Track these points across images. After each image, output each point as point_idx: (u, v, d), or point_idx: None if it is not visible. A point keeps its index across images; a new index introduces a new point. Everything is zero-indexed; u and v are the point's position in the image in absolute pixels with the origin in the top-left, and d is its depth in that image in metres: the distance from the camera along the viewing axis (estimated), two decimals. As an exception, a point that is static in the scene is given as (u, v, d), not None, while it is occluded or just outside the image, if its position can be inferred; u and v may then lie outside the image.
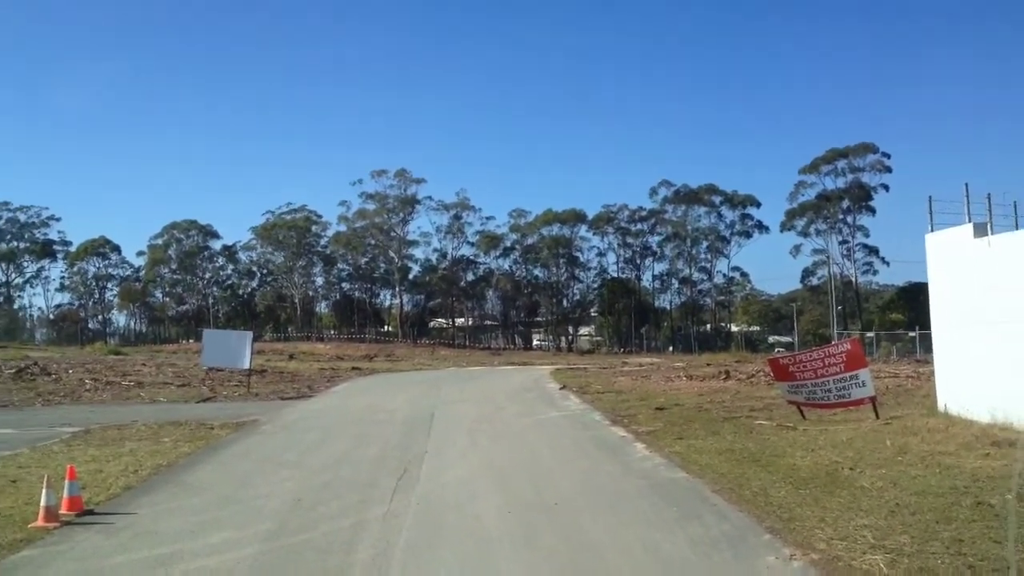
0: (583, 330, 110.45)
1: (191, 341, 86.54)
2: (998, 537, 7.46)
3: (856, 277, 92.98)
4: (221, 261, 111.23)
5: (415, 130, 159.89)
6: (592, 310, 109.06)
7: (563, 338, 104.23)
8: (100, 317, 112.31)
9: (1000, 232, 16.22)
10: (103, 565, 7.61)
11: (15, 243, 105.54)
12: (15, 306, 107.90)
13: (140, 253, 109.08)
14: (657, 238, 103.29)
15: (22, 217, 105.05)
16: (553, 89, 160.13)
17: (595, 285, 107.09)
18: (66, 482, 9.63)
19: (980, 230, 16.55)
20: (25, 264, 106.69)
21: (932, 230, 18.45)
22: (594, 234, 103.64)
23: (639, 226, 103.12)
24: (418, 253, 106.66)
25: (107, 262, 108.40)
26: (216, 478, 12.24)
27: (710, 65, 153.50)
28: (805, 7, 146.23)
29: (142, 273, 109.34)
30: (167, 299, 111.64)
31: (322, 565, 7.50)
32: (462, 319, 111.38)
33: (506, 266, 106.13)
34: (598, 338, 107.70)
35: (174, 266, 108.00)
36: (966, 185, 17.60)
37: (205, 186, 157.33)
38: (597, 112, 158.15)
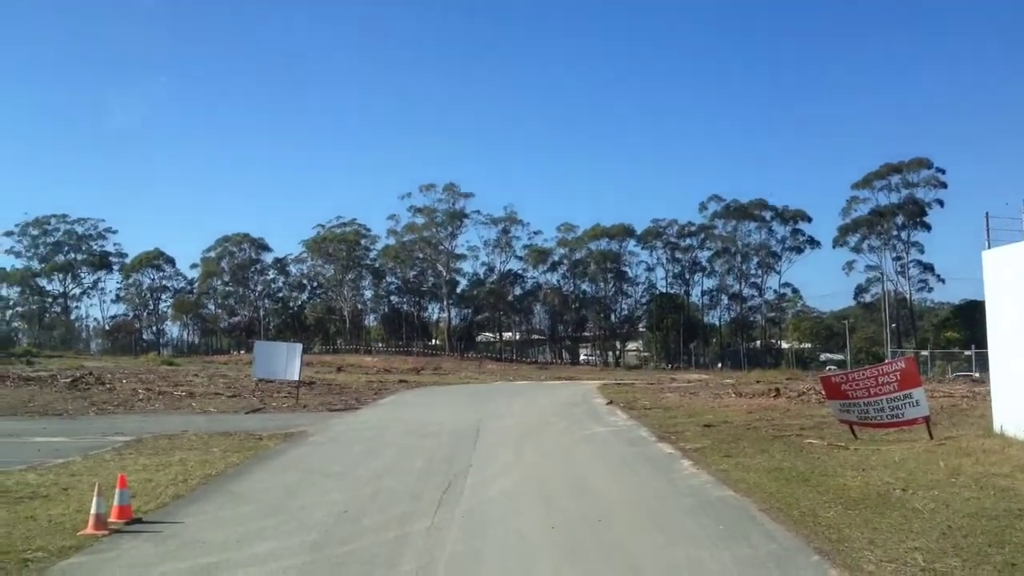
0: (631, 345, 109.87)
1: (242, 352, 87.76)
2: (1055, 563, 7.26)
3: (910, 294, 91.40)
4: (272, 274, 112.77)
5: (464, 144, 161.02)
6: (640, 325, 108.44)
7: (610, 353, 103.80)
8: (154, 328, 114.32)
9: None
10: (150, 573, 7.73)
11: (73, 255, 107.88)
12: (72, 316, 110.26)
13: (194, 265, 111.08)
14: (707, 253, 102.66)
15: (79, 229, 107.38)
16: (604, 104, 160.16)
17: (643, 300, 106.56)
18: (116, 490, 9.80)
19: (1039, 246, 16.20)
20: (82, 275, 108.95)
21: (989, 246, 18.09)
22: (643, 249, 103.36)
23: (688, 241, 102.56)
24: (466, 267, 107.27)
25: (161, 274, 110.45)
26: (263, 488, 12.36)
27: (761, 80, 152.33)
28: (856, 23, 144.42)
29: (195, 285, 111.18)
30: (219, 311, 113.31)
31: (366, 577, 7.53)
32: (509, 333, 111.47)
33: (554, 280, 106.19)
34: (646, 354, 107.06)
35: (226, 278, 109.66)
36: (1024, 201, 17.26)
37: (257, 200, 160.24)
38: (647, 127, 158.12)
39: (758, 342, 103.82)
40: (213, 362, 70.80)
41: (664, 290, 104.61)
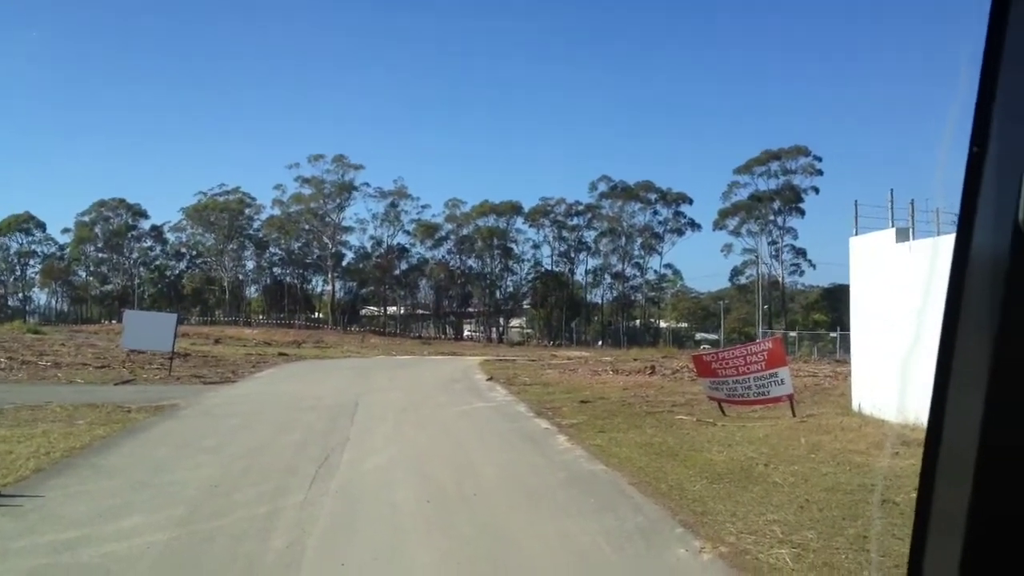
0: (514, 322, 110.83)
1: (113, 322, 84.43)
2: (901, 534, 7.71)
3: (783, 277, 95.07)
4: (149, 241, 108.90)
5: (354, 115, 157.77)
6: (524, 302, 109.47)
7: (494, 329, 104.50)
8: (20, 295, 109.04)
9: (922, 238, 16.75)
10: (7, 548, 7.40)
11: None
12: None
13: (66, 230, 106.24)
14: (593, 233, 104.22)
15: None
16: (495, 81, 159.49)
17: (529, 278, 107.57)
18: (-29, 463, 9.35)
19: (902, 235, 17.07)
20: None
21: (857, 233, 18.98)
22: (530, 226, 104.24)
23: (575, 220, 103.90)
24: (353, 240, 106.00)
25: (30, 239, 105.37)
26: (130, 462, 11.99)
27: (653, 63, 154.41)
28: (744, 6, 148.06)
29: (67, 251, 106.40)
30: (91, 278, 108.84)
31: (235, 552, 7.41)
32: (394, 308, 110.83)
33: (441, 256, 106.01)
34: (529, 331, 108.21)
35: (100, 245, 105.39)
36: (891, 191, 18.18)
37: (136, 163, 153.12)
38: (538, 106, 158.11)
39: (638, 321, 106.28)
40: (82, 331, 67.89)
41: (550, 268, 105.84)
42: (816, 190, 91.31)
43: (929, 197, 16.70)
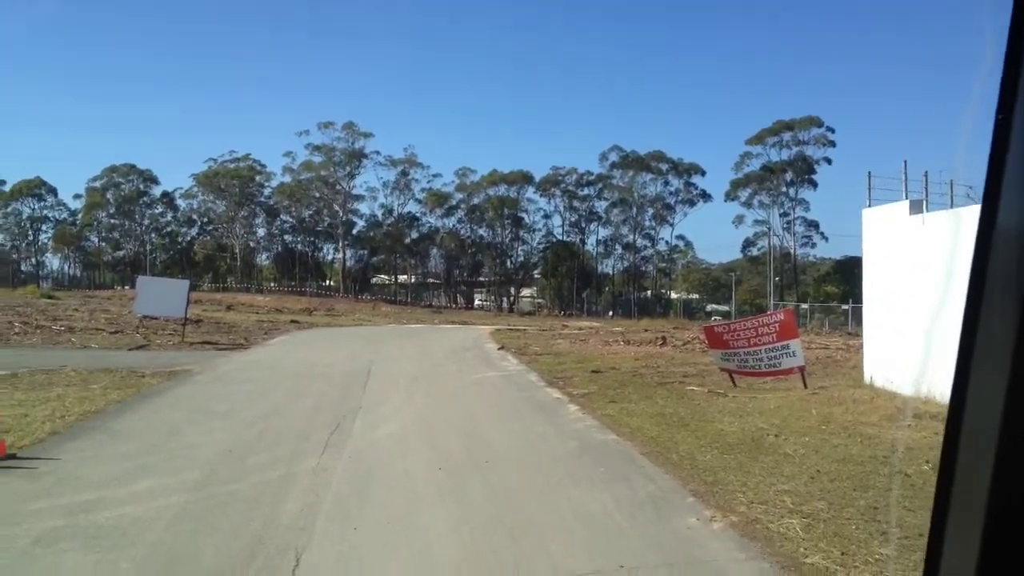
0: (525, 292, 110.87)
1: (126, 288, 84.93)
2: (912, 506, 7.72)
3: (795, 249, 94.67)
4: (160, 208, 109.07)
5: (364, 84, 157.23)
6: (535, 272, 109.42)
7: (505, 299, 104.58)
8: (33, 260, 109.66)
9: (936, 210, 16.63)
10: (24, 510, 7.49)
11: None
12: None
13: (77, 196, 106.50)
14: (604, 203, 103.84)
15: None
16: (506, 51, 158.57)
17: (540, 247, 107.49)
18: (-12, 426, 9.45)
19: (916, 207, 16.93)
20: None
21: (870, 205, 18.85)
22: (541, 196, 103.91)
23: (586, 190, 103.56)
24: (363, 208, 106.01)
25: (42, 204, 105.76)
26: (145, 426, 12.09)
27: (662, 34, 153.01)
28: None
29: (79, 217, 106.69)
30: (103, 244, 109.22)
31: (249, 515, 7.48)
32: (405, 276, 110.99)
33: (451, 225, 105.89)
34: (540, 300, 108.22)
35: (112, 210, 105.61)
36: (904, 162, 18.01)
37: (146, 130, 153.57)
38: (550, 76, 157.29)
39: (649, 292, 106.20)
40: (95, 297, 68.35)
41: (561, 238, 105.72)
42: (829, 161, 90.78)
43: (948, 169, 16.58)
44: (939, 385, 14.26)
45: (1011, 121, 1.46)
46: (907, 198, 17.41)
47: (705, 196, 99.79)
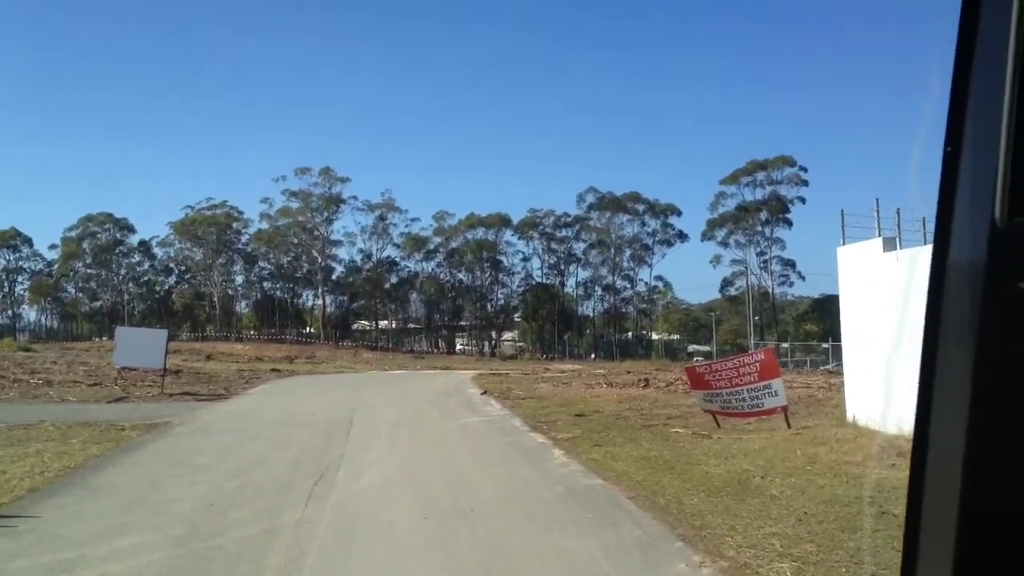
0: (506, 335, 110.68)
1: (104, 339, 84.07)
2: (900, 547, 7.69)
3: (773, 288, 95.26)
4: (137, 257, 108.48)
5: (341, 128, 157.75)
6: (516, 315, 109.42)
7: (486, 343, 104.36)
8: (9, 312, 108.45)
9: (909, 247, 16.80)
10: (4, 569, 7.36)
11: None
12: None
13: (53, 246, 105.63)
14: (582, 245, 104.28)
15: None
16: (481, 92, 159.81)
17: (519, 290, 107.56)
18: (-35, 484, 9.29)
19: (889, 244, 17.10)
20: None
21: (844, 243, 19.03)
22: (519, 239, 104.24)
23: (564, 232, 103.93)
24: (342, 253, 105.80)
25: (18, 255, 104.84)
26: (125, 481, 11.92)
27: (637, 74, 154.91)
28: (725, 18, 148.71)
29: (55, 267, 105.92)
30: (80, 295, 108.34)
31: (232, 571, 7.37)
32: (385, 322, 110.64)
33: (431, 269, 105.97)
34: (521, 344, 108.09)
35: (88, 260, 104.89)
36: (876, 200, 18.22)
37: (122, 178, 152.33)
38: (526, 117, 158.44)
39: (630, 333, 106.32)
40: (73, 348, 67.62)
41: (540, 280, 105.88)
42: (803, 200, 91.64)
43: (908, 203, 16.79)
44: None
45: (959, 154, 1.49)
46: (880, 235, 17.60)
47: (682, 236, 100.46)
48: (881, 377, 16.46)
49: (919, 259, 15.43)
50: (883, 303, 16.79)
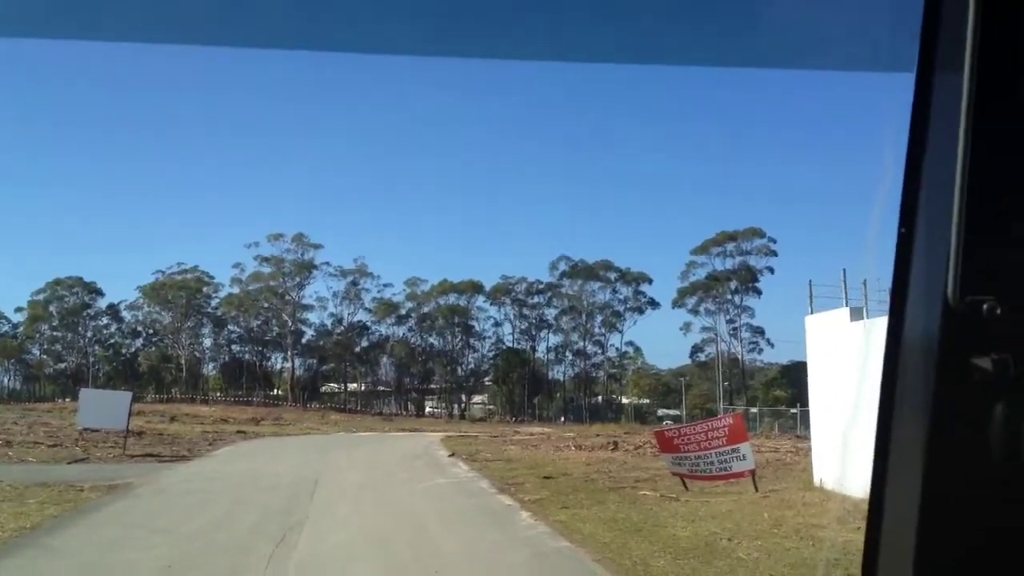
0: (476, 398, 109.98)
1: (67, 400, 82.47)
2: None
3: (742, 355, 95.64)
4: (105, 320, 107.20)
5: (313, 194, 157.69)
6: (486, 379, 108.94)
7: (456, 406, 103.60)
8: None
9: (876, 316, 17.03)
10: (-52, 633, 7.14)
11: None
12: None
13: (19, 309, 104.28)
14: (554, 311, 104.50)
15: None
16: (453, 160, 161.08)
17: (490, 354, 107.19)
18: (-86, 544, 9.03)
19: (856, 314, 17.36)
20: None
21: (812, 312, 19.28)
22: (491, 304, 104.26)
23: (536, 299, 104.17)
24: (313, 317, 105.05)
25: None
26: (82, 542, 11.64)
27: (607, 146, 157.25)
28: (699, 90, 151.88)
29: (20, 330, 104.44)
30: (45, 356, 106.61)
31: (188, 633, 7.20)
32: (355, 384, 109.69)
33: (402, 333, 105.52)
34: (491, 407, 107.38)
35: (55, 323, 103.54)
36: (843, 271, 18.55)
37: (92, 242, 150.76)
38: (497, 185, 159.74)
39: (600, 397, 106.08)
40: (35, 409, 66.19)
41: (511, 345, 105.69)
42: (771, 270, 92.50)
43: (864, 277, 17.10)
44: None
45: (912, 235, 1.55)
46: (847, 305, 17.86)
47: (653, 304, 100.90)
48: (846, 441, 16.55)
49: (875, 330, 15.66)
50: (849, 370, 16.96)
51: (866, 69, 2.19)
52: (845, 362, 17.19)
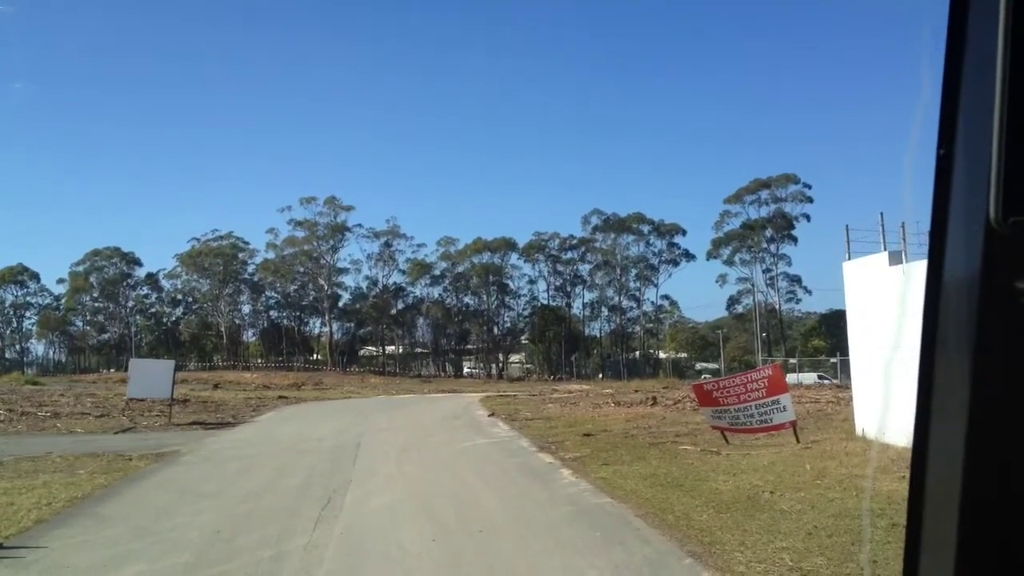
0: (514, 357, 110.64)
1: (112, 371, 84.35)
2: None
3: (780, 305, 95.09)
4: (145, 289, 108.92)
5: (344, 156, 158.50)
6: (523, 338, 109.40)
7: (494, 365, 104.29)
8: (18, 346, 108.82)
9: (915, 260, 16.78)
10: (9, 602, 7.34)
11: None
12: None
13: (60, 281, 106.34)
14: (587, 266, 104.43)
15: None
16: (483, 117, 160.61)
17: (526, 313, 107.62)
18: (-28, 516, 9.27)
19: (895, 258, 17.10)
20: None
21: (849, 258, 19.02)
22: (525, 262, 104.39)
23: (570, 254, 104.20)
24: (348, 281, 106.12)
25: (25, 290, 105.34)
26: (132, 510, 11.89)
27: (638, 96, 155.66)
28: (727, 38, 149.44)
29: (62, 301, 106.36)
30: (88, 328, 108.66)
31: (239, 597, 7.34)
32: (392, 347, 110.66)
33: (437, 294, 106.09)
34: (529, 365, 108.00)
35: (96, 294, 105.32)
36: (881, 214, 18.25)
37: (128, 211, 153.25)
38: (529, 140, 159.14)
39: (637, 352, 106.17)
40: (81, 381, 67.67)
41: (546, 303, 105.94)
42: (807, 217, 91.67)
43: (903, 211, 16.77)
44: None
45: (952, 155, 1.48)
46: (885, 249, 17.59)
47: (688, 256, 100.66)
48: (888, 389, 16.38)
49: (914, 273, 15.39)
50: (890, 316, 16.75)
51: None
52: (885, 308, 16.98)
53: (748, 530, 9.37)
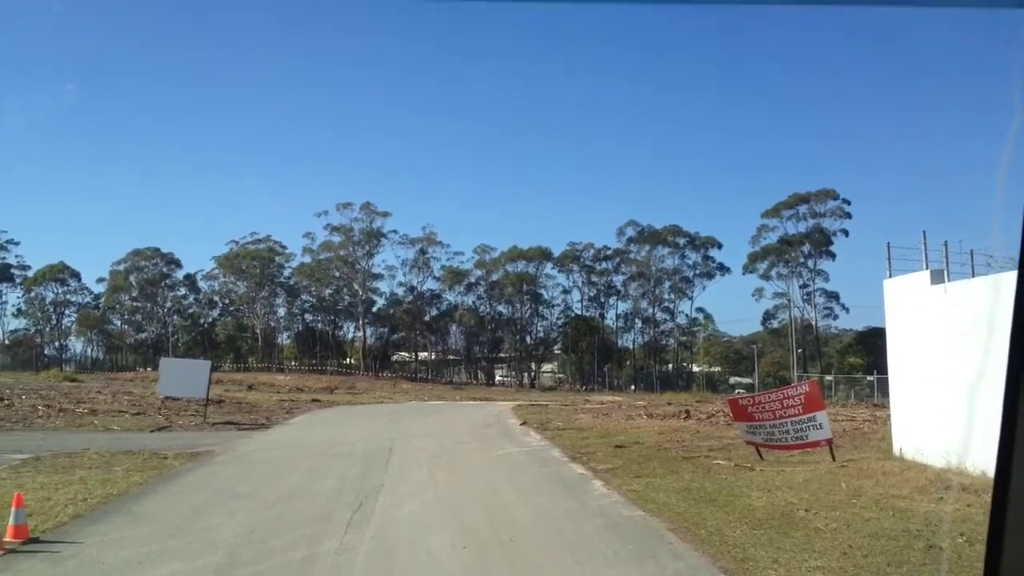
0: (546, 367, 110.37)
1: (148, 369, 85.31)
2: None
3: (816, 321, 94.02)
4: (182, 290, 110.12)
5: (382, 163, 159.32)
6: (555, 347, 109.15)
7: (526, 374, 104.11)
8: (57, 343, 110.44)
9: (956, 279, 16.53)
10: (45, 595, 7.43)
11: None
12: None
13: (100, 280, 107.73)
14: (622, 277, 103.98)
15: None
16: (522, 127, 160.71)
17: (559, 322, 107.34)
18: (12, 509, 9.40)
19: (937, 277, 16.84)
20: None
21: (890, 276, 18.76)
22: (559, 272, 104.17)
23: (604, 265, 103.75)
24: (383, 286, 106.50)
25: (66, 288, 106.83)
26: (167, 508, 12.01)
27: (678, 109, 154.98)
28: (768, 55, 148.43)
29: (101, 300, 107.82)
30: (126, 327, 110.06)
31: (271, 598, 7.37)
32: (425, 353, 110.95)
33: (470, 301, 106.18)
34: (561, 375, 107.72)
35: (134, 293, 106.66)
36: (923, 233, 17.98)
37: (169, 213, 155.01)
38: (565, 151, 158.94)
39: (670, 365, 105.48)
40: (118, 379, 68.67)
41: (580, 313, 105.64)
42: (846, 233, 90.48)
43: (962, 239, 16.52)
44: (972, 456, 13.97)
45: None
46: (928, 268, 17.34)
47: (723, 269, 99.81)
48: (928, 410, 16.15)
49: (975, 292, 15.11)
50: (931, 336, 16.50)
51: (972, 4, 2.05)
52: (926, 326, 16.74)
53: (782, 547, 9.26)
